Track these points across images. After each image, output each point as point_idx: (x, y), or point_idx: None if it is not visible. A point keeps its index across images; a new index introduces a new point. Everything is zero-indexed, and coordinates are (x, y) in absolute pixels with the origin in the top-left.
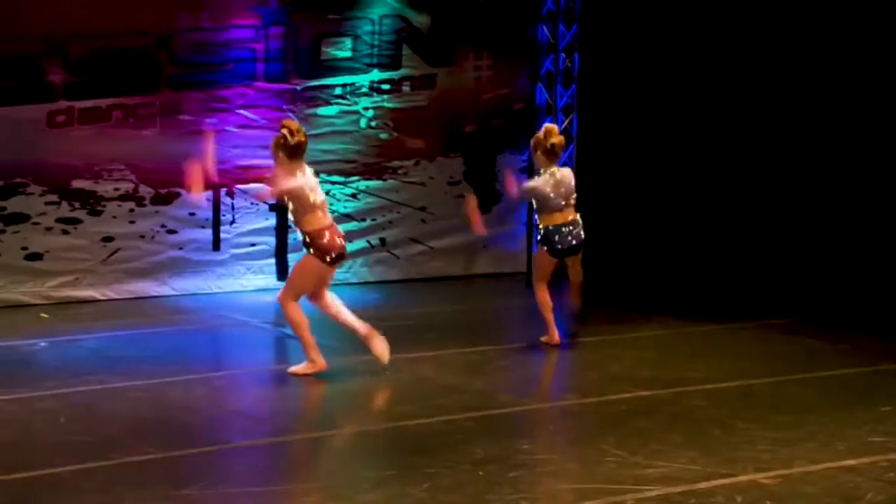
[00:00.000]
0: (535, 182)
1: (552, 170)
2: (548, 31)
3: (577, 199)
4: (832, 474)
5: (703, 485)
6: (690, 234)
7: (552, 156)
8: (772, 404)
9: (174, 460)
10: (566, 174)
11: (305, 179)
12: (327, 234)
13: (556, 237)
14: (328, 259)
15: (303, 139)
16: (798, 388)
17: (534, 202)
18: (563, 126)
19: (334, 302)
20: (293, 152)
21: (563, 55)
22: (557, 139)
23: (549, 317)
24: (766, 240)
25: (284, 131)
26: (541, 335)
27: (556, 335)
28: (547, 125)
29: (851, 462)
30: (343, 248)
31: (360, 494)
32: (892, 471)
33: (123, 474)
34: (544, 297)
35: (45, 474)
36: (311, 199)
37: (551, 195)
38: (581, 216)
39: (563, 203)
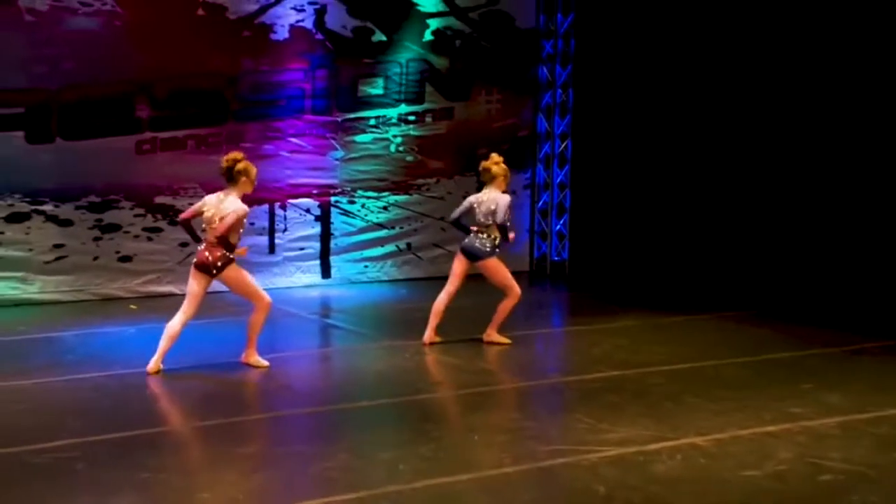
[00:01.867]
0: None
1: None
2: (547, 71)
3: (572, 211)
4: (756, 438)
5: (652, 446)
6: (665, 237)
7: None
8: (716, 382)
9: (234, 425)
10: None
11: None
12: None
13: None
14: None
15: (223, 165)
16: (739, 370)
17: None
18: (560, 149)
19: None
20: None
21: (560, 90)
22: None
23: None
24: (730, 240)
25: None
26: (540, 326)
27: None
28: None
29: (772, 428)
30: (197, 260)
31: (379, 453)
32: (802, 435)
33: (195, 436)
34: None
35: (136, 434)
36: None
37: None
38: (572, 226)
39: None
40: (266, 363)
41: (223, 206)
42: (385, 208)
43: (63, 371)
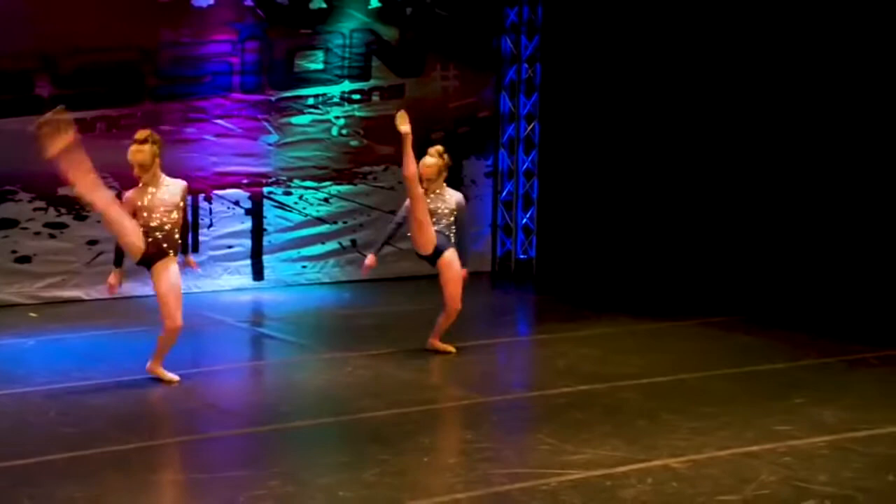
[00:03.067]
0: None
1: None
2: (511, 43)
3: (540, 202)
4: (736, 459)
5: (620, 469)
6: (644, 234)
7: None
8: (697, 397)
9: (150, 449)
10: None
11: None
12: None
13: None
14: None
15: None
16: (724, 382)
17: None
18: (526, 132)
19: None
20: None
21: (526, 65)
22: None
23: None
24: (714, 241)
25: None
26: (500, 334)
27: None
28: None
29: (755, 448)
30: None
31: (316, 479)
32: (788, 455)
33: (107, 461)
34: None
35: (39, 461)
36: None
37: None
38: (540, 219)
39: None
40: (176, 378)
41: None
42: (326, 200)
43: None
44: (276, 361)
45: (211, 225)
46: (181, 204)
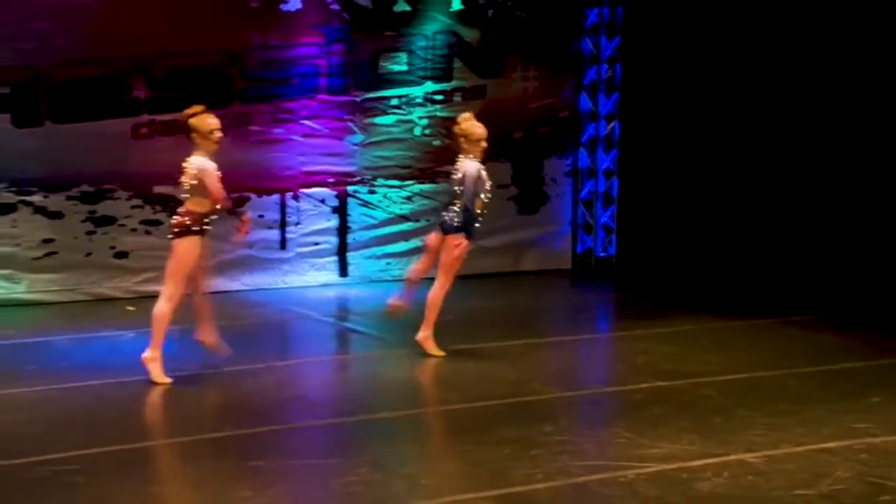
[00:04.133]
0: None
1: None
2: (591, 43)
3: (620, 200)
4: (811, 455)
5: (697, 462)
6: (725, 232)
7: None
8: (774, 394)
9: (245, 437)
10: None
11: None
12: None
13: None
14: None
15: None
16: (801, 381)
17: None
18: (606, 132)
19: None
20: None
21: (606, 65)
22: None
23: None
24: (795, 238)
25: None
26: (580, 331)
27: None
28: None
29: (831, 445)
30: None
31: (401, 467)
32: (864, 452)
33: (204, 448)
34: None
35: (140, 447)
36: None
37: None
38: (620, 217)
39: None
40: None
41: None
42: (409, 198)
43: (59, 378)
44: (361, 355)
45: (298, 223)
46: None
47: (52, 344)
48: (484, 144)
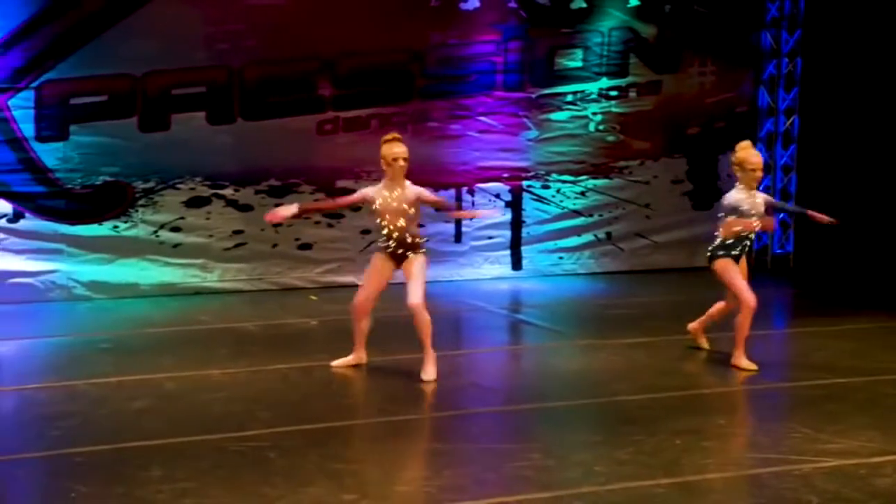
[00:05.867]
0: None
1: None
2: (771, 37)
3: (798, 197)
4: None
5: (876, 459)
6: None
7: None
8: None
9: (424, 421)
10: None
11: None
12: None
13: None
14: None
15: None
16: None
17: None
18: (785, 127)
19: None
20: None
21: (786, 59)
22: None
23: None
24: None
25: None
26: (756, 327)
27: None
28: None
29: None
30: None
31: (573, 454)
32: None
33: (385, 430)
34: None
35: (325, 427)
36: None
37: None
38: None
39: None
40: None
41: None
42: (583, 194)
43: (249, 362)
44: (533, 346)
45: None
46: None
47: (241, 330)
48: (759, 175)
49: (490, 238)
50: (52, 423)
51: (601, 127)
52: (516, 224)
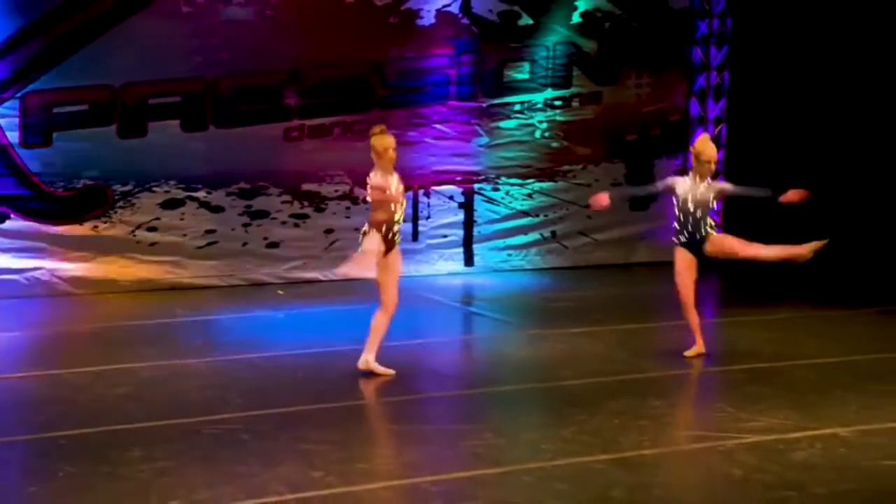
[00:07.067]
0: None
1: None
2: (701, 52)
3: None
4: None
5: (792, 435)
6: (827, 226)
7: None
8: (869, 377)
9: (385, 405)
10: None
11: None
12: None
13: None
14: None
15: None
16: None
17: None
18: (714, 134)
19: None
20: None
21: (715, 73)
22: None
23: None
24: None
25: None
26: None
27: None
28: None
29: None
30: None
31: (522, 434)
32: None
33: (349, 413)
34: None
35: (292, 411)
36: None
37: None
38: (726, 214)
39: None
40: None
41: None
42: (529, 195)
43: (221, 352)
44: (485, 335)
45: (429, 217)
46: None
47: (214, 322)
48: (711, 167)
49: (444, 237)
50: (36, 409)
51: (546, 134)
52: (468, 224)
